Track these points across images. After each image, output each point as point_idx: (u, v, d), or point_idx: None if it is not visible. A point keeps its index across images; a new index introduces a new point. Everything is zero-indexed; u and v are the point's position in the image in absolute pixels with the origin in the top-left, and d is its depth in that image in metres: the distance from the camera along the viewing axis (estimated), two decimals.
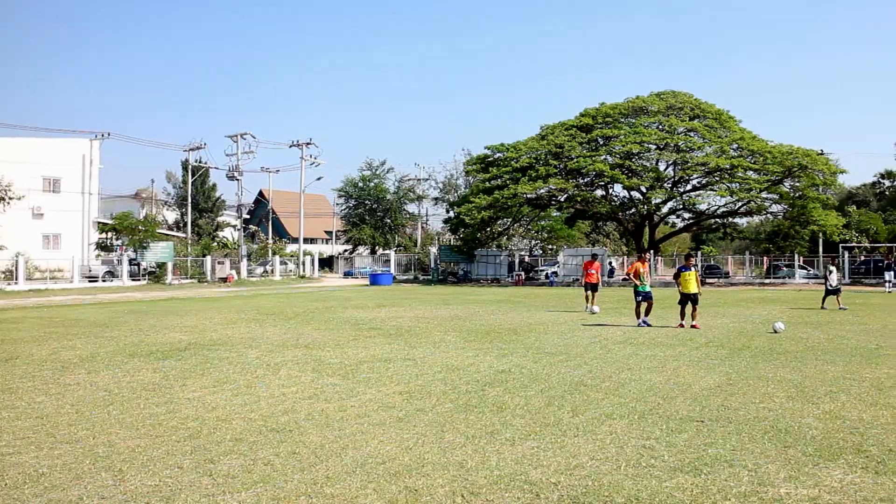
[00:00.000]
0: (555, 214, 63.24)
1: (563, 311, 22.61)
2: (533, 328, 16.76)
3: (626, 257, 64.17)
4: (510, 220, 55.79)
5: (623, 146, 48.04)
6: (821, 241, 50.50)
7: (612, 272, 52.99)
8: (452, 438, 6.48)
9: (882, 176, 73.40)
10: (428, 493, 5.05)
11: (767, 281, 49.12)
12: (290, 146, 61.69)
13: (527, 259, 60.95)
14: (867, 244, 55.43)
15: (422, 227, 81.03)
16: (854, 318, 19.08)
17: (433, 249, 61.37)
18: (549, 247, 71.69)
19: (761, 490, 5.07)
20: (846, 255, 47.10)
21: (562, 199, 51.16)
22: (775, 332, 15.31)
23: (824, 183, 50.25)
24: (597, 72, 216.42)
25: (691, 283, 16.56)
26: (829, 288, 23.71)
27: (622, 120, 50.85)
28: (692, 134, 50.23)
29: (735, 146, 49.15)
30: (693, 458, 5.82)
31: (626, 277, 18.87)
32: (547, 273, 52.00)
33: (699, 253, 58.15)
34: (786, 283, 47.97)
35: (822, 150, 49.31)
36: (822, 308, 22.90)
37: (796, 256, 52.91)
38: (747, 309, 22.53)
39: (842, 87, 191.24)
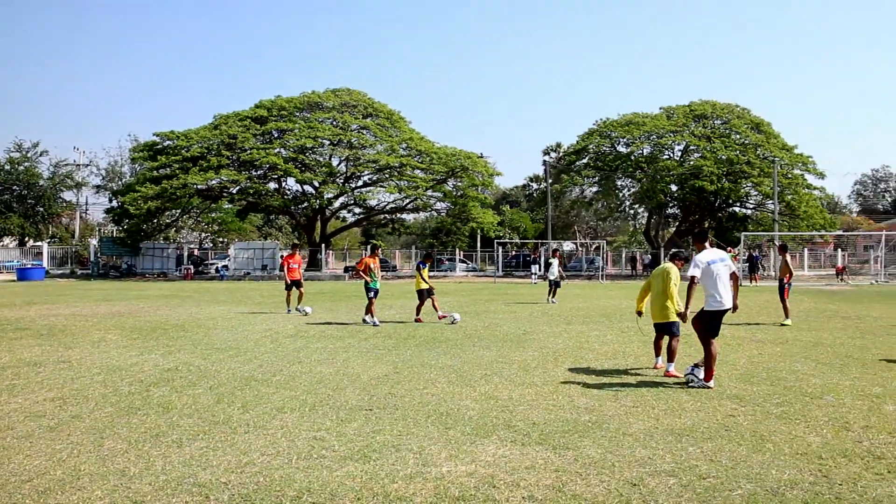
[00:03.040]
0: (226, 207, 61.90)
1: (234, 305, 22.18)
2: (202, 324, 16.21)
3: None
4: (179, 211, 53.48)
5: (297, 140, 48.36)
6: (479, 236, 54.94)
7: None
8: (113, 445, 6.04)
9: (531, 179, 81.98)
10: None
11: (431, 274, 52.14)
12: None
13: (196, 252, 58.84)
14: (518, 240, 61.34)
15: (81, 218, 74.62)
16: (505, 308, 20.97)
17: (93, 241, 56.82)
18: (221, 240, 69.97)
19: (425, 470, 5.37)
20: (500, 250, 51.60)
21: (234, 192, 50.23)
22: (453, 322, 16.17)
23: (483, 184, 54.92)
24: (275, 64, 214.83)
25: (425, 278, 17.23)
26: (552, 280, 23.78)
27: (297, 114, 51.16)
28: (365, 132, 51.91)
29: (405, 146, 51.73)
30: (362, 446, 6.00)
31: (355, 272, 18.43)
32: (217, 267, 50.64)
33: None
34: (447, 275, 51.44)
35: (481, 154, 53.77)
36: (551, 302, 23.04)
37: (457, 251, 57.06)
38: (413, 301, 23.74)
39: (499, 98, 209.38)
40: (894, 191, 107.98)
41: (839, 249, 62.18)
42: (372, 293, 16.30)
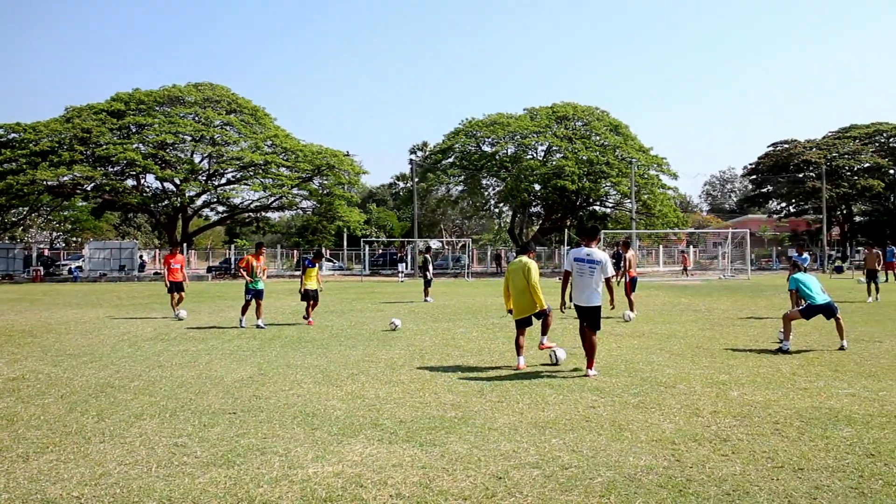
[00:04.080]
0: (80, 204, 58.96)
1: (89, 308, 21.12)
2: (53, 328, 15.34)
3: (158, 250, 62.23)
4: (27, 209, 50.51)
5: (157, 135, 46.77)
6: (345, 235, 54.65)
7: (142, 266, 50.99)
8: None
9: (398, 178, 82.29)
10: None
11: (297, 273, 51.53)
12: None
13: (47, 252, 55.67)
14: (384, 239, 61.41)
15: None
16: (372, 307, 20.92)
17: None
18: (74, 239, 66.71)
19: (291, 473, 5.29)
20: (366, 248, 51.48)
21: (88, 188, 47.87)
22: (395, 328, 14.87)
23: (349, 182, 54.68)
24: (131, 56, 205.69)
25: (314, 278, 16.64)
26: (427, 279, 23.78)
27: (157, 108, 49.43)
28: (228, 128, 50.69)
29: (269, 143, 50.86)
30: (226, 451, 5.85)
31: (237, 271, 17.31)
32: (71, 268, 48.15)
33: (232, 247, 59.10)
34: None
35: (347, 152, 53.47)
36: (429, 300, 22.78)
37: (323, 250, 56.55)
38: (278, 300, 23.37)
39: (366, 96, 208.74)
40: (739, 191, 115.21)
41: (691, 246, 65.72)
42: (250, 294, 15.67)
